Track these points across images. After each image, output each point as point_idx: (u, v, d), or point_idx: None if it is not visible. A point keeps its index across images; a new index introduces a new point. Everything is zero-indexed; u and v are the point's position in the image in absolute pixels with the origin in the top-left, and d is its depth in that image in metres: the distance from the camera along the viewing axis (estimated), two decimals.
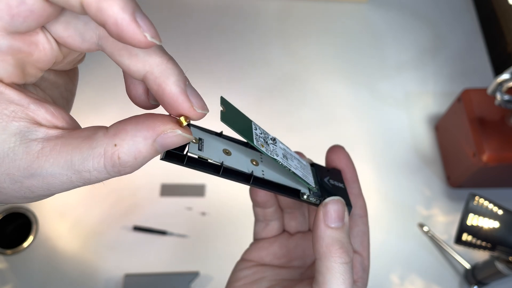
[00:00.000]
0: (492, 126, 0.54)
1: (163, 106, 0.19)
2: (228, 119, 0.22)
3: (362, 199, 0.28)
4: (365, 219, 0.27)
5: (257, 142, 0.23)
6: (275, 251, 0.28)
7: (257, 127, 0.24)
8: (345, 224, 0.23)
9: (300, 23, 0.74)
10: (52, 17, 0.17)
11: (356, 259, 0.26)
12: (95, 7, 0.15)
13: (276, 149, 0.23)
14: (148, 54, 0.18)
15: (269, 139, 0.24)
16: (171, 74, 0.18)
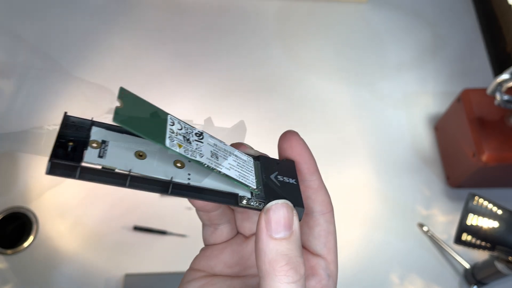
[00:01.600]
0: (491, 126, 0.54)
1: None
2: (126, 119, 0.17)
3: (323, 193, 0.24)
4: (329, 215, 0.23)
5: (171, 142, 0.18)
6: (225, 259, 0.24)
7: (175, 121, 0.20)
8: (293, 233, 0.19)
9: (299, 23, 0.74)
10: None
11: (319, 265, 0.22)
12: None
13: (201, 147, 0.20)
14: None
15: (193, 135, 0.20)
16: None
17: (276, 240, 0.18)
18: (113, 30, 0.70)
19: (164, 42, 0.70)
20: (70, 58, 0.67)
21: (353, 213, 0.59)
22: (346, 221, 0.59)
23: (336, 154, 0.63)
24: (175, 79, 0.67)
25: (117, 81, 0.66)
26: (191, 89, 0.67)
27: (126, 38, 0.70)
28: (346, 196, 0.60)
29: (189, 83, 0.67)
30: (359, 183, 0.61)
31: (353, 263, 0.56)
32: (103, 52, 0.68)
